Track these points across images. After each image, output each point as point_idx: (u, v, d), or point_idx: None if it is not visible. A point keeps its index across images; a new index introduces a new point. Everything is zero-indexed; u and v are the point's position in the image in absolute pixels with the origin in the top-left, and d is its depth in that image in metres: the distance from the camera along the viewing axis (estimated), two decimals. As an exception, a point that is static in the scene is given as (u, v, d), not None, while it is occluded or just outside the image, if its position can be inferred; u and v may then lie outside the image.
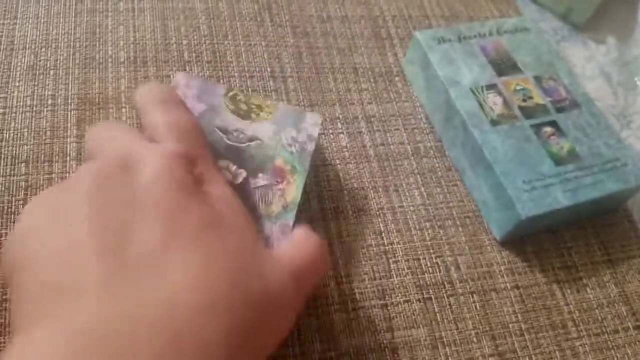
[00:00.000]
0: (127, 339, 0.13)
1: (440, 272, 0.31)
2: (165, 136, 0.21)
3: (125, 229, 0.16)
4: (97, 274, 0.15)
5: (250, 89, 0.36)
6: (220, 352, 0.15)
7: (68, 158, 0.31)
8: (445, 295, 0.30)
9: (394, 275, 0.30)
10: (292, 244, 0.22)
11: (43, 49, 0.35)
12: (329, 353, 0.27)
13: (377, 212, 0.32)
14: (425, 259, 0.31)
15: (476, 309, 0.30)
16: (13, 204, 0.29)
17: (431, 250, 0.31)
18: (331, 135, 0.35)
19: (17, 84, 0.33)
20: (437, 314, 0.29)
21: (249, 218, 0.22)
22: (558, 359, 0.29)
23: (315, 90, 0.37)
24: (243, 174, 0.26)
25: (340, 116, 0.36)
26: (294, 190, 0.27)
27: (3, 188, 0.29)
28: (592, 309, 0.31)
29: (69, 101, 0.33)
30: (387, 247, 0.31)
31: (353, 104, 0.37)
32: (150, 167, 0.18)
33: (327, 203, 0.32)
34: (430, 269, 0.31)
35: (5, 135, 0.31)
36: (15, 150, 0.31)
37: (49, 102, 0.33)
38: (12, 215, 0.28)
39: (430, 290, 0.30)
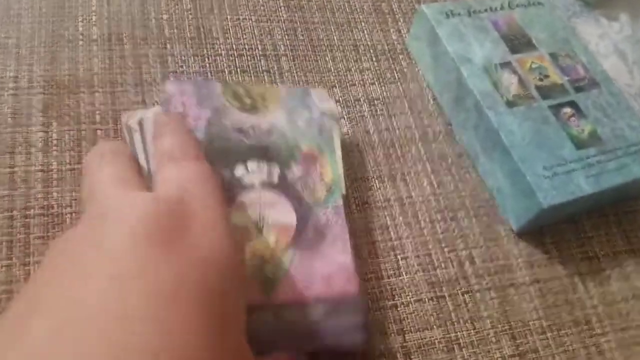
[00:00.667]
0: None
1: (453, 267, 0.28)
2: (167, 186, 0.19)
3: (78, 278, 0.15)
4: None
5: (239, 70, 0.32)
6: None
7: (33, 149, 0.27)
8: (459, 292, 0.27)
9: (404, 273, 0.27)
10: None
11: (4, 25, 0.31)
12: (336, 361, 0.24)
13: (384, 205, 0.29)
14: (437, 253, 0.28)
15: (494, 306, 0.27)
16: (-29, 201, 0.25)
17: (443, 244, 0.29)
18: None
19: (-27, 64, 0.29)
20: (452, 314, 0.27)
21: (242, 278, 0.19)
22: (582, 357, 0.27)
23: (312, 70, 0.33)
24: (277, 170, 0.25)
25: (341, 99, 0.33)
26: (330, 172, 0.26)
27: (-41, 183, 0.25)
28: (616, 302, 0.29)
29: (34, 84, 0.29)
30: (395, 243, 0.28)
31: (354, 85, 0.33)
32: (123, 222, 0.16)
33: (329, 194, 0.29)
34: (442, 264, 0.28)
35: (-40, 122, 0.27)
36: (-27, 139, 0.27)
37: (11, 85, 0.29)
38: (-30, 215, 0.25)
39: (444, 288, 0.27)
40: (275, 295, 0.22)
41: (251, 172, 0.25)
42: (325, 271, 0.24)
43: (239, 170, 0.25)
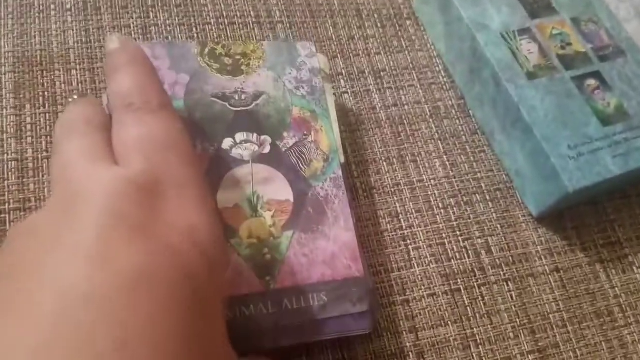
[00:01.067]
0: None
1: (469, 257, 0.26)
2: (131, 155, 0.17)
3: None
4: None
5: (230, 39, 0.29)
6: None
7: (5, 135, 0.25)
8: (476, 285, 0.26)
9: (415, 265, 0.25)
10: None
11: (-37, -6, 0.27)
12: (345, 363, 0.23)
13: (393, 190, 0.27)
14: (451, 243, 0.26)
15: (512, 299, 0.26)
16: (-64, 198, 0.23)
17: (457, 232, 0.27)
18: (333, 96, 0.29)
19: None
20: (468, 308, 0.25)
21: (223, 259, 0.17)
22: (605, 352, 0.25)
23: (311, 38, 0.30)
24: (268, 140, 0.23)
25: (344, 71, 0.30)
26: (325, 139, 0.24)
27: None
28: (639, 291, 0.27)
29: (3, 61, 0.26)
30: (405, 232, 0.26)
31: (358, 55, 0.30)
32: (92, 203, 0.15)
33: (333, 180, 0.26)
34: (457, 254, 0.26)
35: None
36: None
37: (-25, 63, 0.26)
38: (-64, 213, 0.22)
39: (459, 280, 0.25)
40: (275, 281, 0.20)
41: (240, 144, 0.23)
42: (327, 252, 0.22)
43: (227, 143, 0.22)
